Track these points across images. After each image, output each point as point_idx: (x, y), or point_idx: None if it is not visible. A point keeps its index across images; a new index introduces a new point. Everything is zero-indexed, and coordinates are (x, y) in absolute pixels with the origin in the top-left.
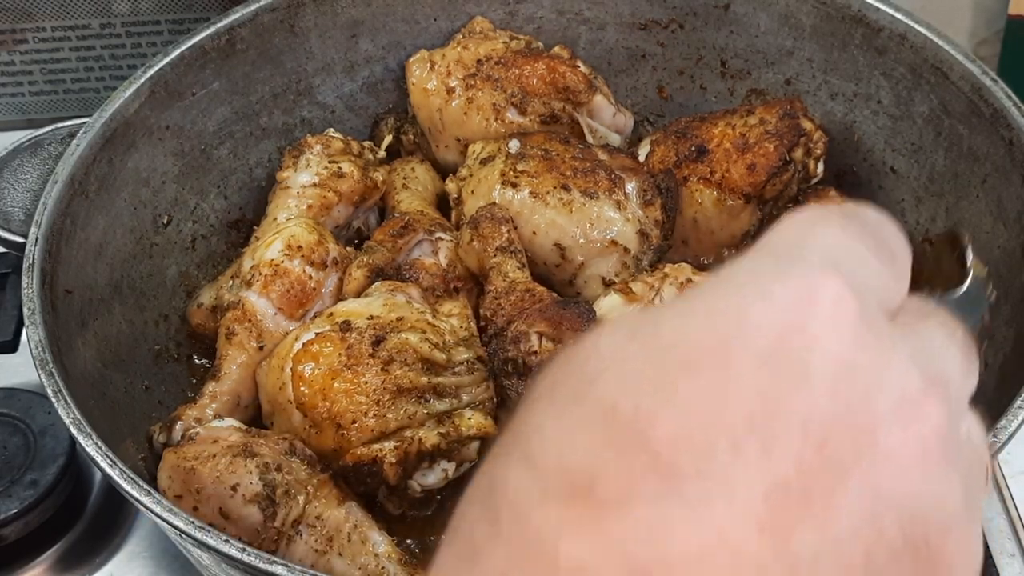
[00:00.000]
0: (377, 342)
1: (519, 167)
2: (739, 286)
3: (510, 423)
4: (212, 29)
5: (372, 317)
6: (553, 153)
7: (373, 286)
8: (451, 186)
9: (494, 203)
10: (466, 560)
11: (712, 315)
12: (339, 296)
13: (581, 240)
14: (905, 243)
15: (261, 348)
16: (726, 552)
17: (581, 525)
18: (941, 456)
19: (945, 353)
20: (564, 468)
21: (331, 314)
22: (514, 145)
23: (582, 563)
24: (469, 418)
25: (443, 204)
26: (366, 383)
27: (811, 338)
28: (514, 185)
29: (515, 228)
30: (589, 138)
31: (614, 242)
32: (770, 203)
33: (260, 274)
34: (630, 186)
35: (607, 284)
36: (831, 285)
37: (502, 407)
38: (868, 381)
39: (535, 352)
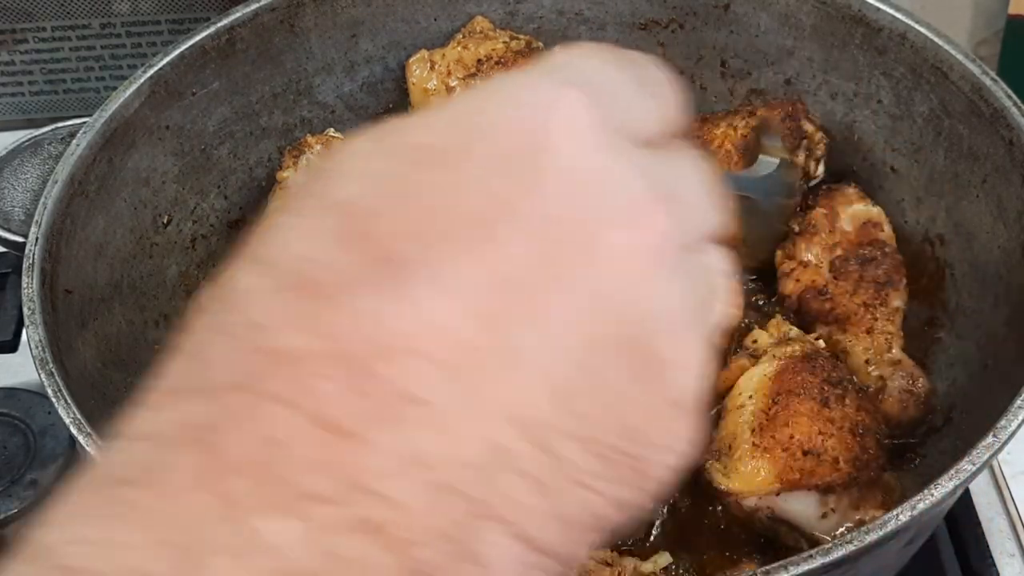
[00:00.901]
0: None
1: None
2: (487, 92)
3: (252, 231)
4: (212, 29)
5: None
6: None
7: None
8: None
9: None
10: (193, 357)
11: (456, 117)
12: None
13: None
14: (672, 86)
15: None
16: (441, 338)
17: (300, 316)
18: (663, 264)
19: (685, 180)
20: (294, 263)
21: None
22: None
23: (295, 352)
24: None
25: None
26: None
27: (547, 141)
28: None
29: None
30: None
31: None
32: None
33: None
34: None
35: None
36: (572, 95)
37: None
38: (597, 186)
39: None
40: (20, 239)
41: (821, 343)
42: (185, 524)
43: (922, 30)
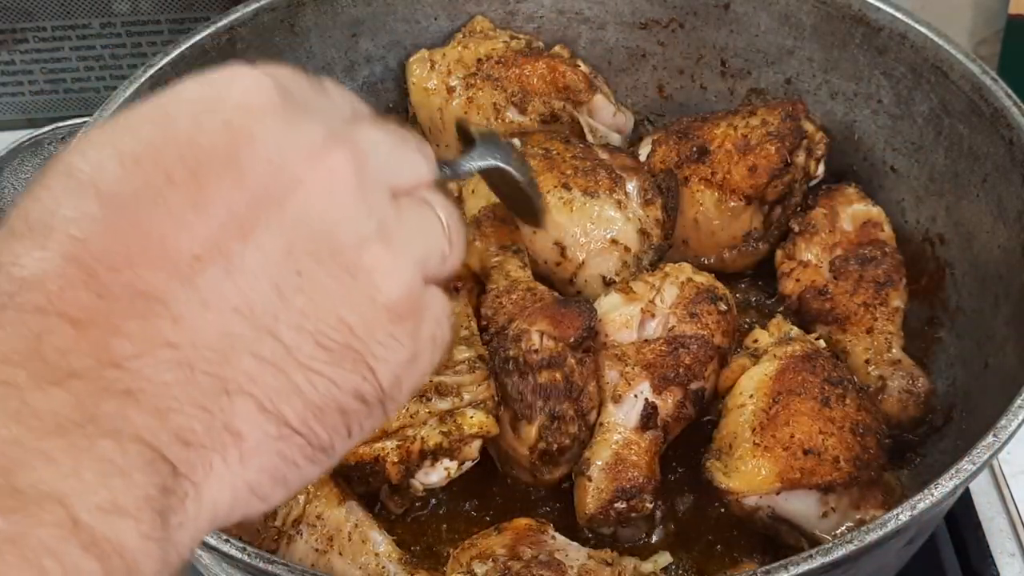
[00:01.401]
0: None
1: None
2: (181, 83)
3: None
4: (212, 28)
5: None
6: (554, 152)
7: None
8: (452, 184)
9: (497, 203)
10: None
11: (159, 100)
12: None
13: (582, 239)
14: (341, 93)
15: None
16: (168, 254)
17: (38, 244)
18: (349, 191)
19: (372, 135)
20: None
21: None
22: (515, 144)
23: (36, 272)
24: (471, 417)
25: None
26: None
27: (231, 107)
28: None
29: (516, 228)
30: (589, 137)
31: (615, 241)
32: (773, 204)
33: None
34: (631, 185)
35: (607, 283)
36: (252, 72)
37: (503, 405)
38: (280, 137)
39: (536, 350)
40: None
41: (821, 343)
42: None
43: (922, 30)
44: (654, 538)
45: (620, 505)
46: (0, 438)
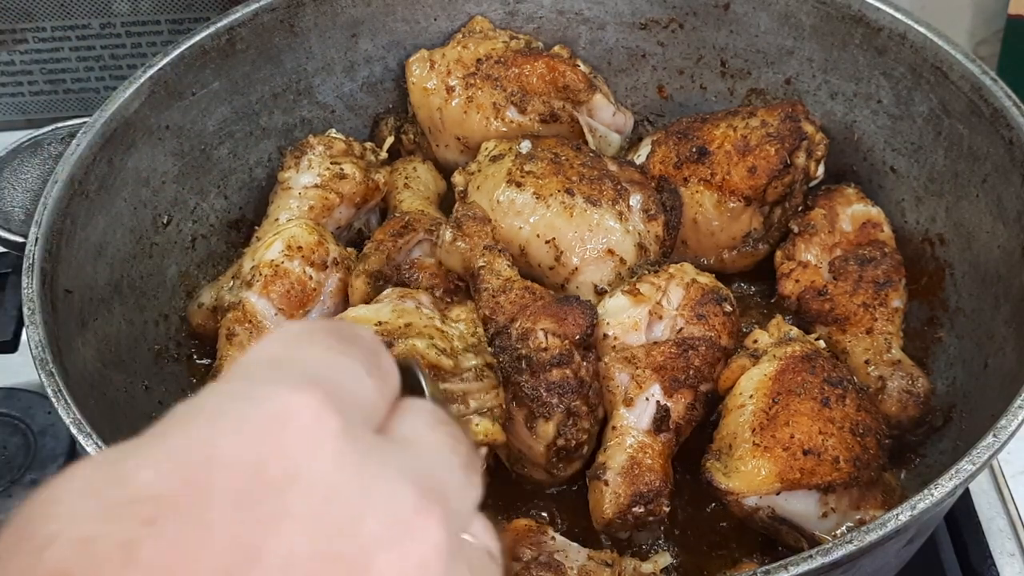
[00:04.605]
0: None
1: (526, 167)
2: (209, 418)
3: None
4: (212, 29)
5: (380, 323)
6: (563, 158)
7: (384, 292)
8: (459, 179)
9: (473, 202)
10: None
11: (181, 456)
12: (340, 297)
13: (577, 245)
14: (388, 355)
15: None
16: None
17: None
18: (442, 570)
19: (444, 465)
20: None
21: (340, 320)
22: (525, 145)
23: None
24: (477, 425)
25: (445, 203)
26: None
27: (288, 468)
28: (519, 185)
29: (495, 226)
30: (589, 137)
31: (611, 251)
32: (773, 205)
33: (260, 275)
34: (635, 199)
35: (598, 292)
36: (309, 404)
37: (516, 404)
38: (353, 506)
39: (545, 348)
40: (20, 239)
41: (821, 343)
42: None
43: (922, 30)
44: (654, 538)
45: (638, 509)
46: None
